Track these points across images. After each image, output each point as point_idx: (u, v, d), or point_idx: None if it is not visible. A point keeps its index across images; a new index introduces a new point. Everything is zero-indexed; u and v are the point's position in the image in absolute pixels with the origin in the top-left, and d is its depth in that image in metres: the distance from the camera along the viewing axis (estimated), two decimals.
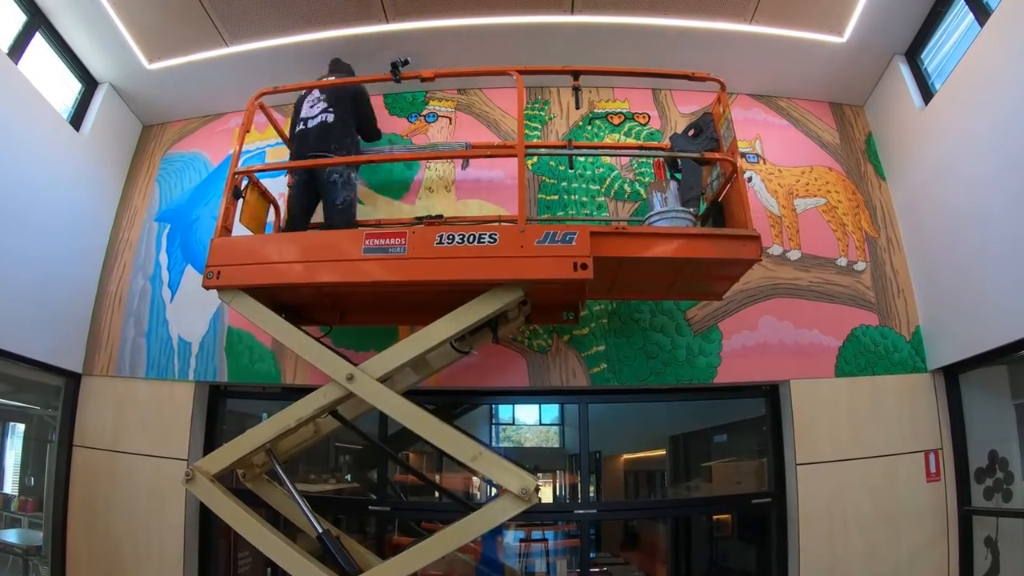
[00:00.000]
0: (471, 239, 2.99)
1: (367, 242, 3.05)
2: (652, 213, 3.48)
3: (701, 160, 3.61)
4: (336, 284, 3.21)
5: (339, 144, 3.96)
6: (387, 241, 3.03)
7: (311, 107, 4.09)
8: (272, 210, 4.12)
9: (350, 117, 4.10)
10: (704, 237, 3.26)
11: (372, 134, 4.53)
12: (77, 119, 4.82)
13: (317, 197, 4.06)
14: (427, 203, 4.79)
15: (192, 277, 4.75)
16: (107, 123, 5.01)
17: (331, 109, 4.03)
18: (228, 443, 3.21)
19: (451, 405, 4.68)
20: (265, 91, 3.93)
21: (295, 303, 3.69)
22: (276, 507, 3.54)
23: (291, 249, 3.29)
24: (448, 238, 3.00)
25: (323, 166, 3.83)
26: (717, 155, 3.54)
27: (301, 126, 4.08)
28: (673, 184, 3.53)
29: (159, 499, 4.17)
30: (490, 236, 2.99)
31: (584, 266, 2.92)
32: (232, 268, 3.21)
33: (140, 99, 5.16)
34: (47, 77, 4.54)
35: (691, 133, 3.85)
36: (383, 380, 3.04)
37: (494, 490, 4.92)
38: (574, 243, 2.97)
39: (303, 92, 4.23)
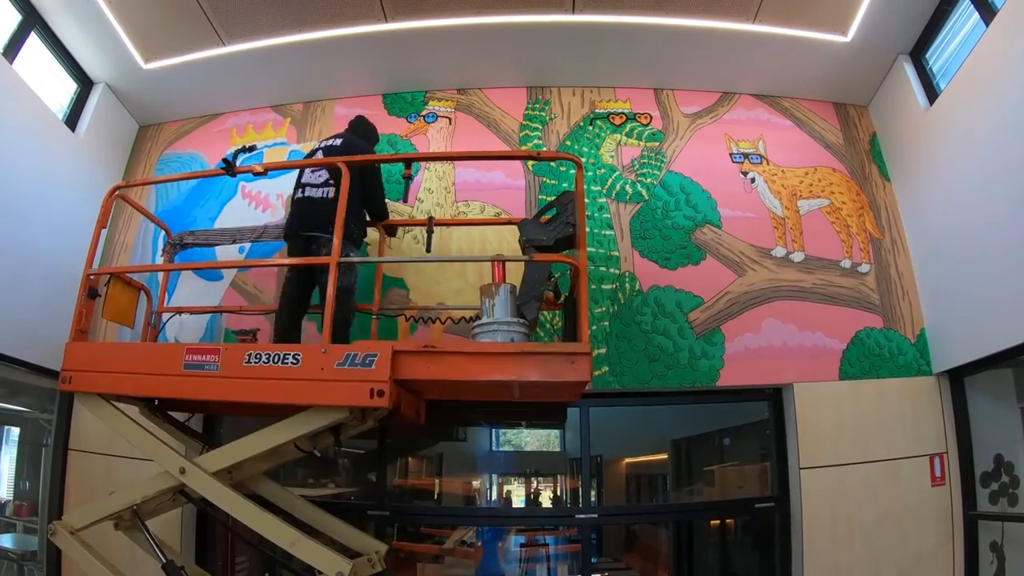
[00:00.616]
0: (276, 359, 2.85)
1: (187, 357, 2.97)
2: (476, 324, 3.10)
3: (550, 248, 3.28)
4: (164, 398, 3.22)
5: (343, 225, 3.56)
6: (203, 357, 2.95)
7: (314, 173, 3.73)
8: (144, 297, 3.93)
9: (356, 192, 3.66)
10: (525, 355, 2.84)
11: (379, 212, 4.07)
12: (72, 119, 4.83)
13: (313, 282, 3.75)
14: (427, 204, 4.79)
15: (188, 279, 4.76)
16: (103, 123, 5.01)
17: (333, 183, 3.63)
18: (94, 503, 3.24)
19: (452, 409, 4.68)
20: (119, 185, 3.74)
21: None
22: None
23: (125, 360, 3.19)
24: (255, 357, 2.87)
25: (319, 248, 3.52)
26: (559, 257, 3.23)
27: (300, 193, 3.73)
28: (504, 288, 3.08)
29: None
30: (293, 357, 2.83)
31: (380, 393, 2.71)
32: (81, 374, 3.16)
33: (136, 99, 5.16)
34: (42, 77, 4.55)
35: (543, 220, 3.48)
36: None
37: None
38: (373, 367, 2.76)
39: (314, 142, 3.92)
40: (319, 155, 3.83)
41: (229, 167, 3.39)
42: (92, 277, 3.45)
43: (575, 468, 4.45)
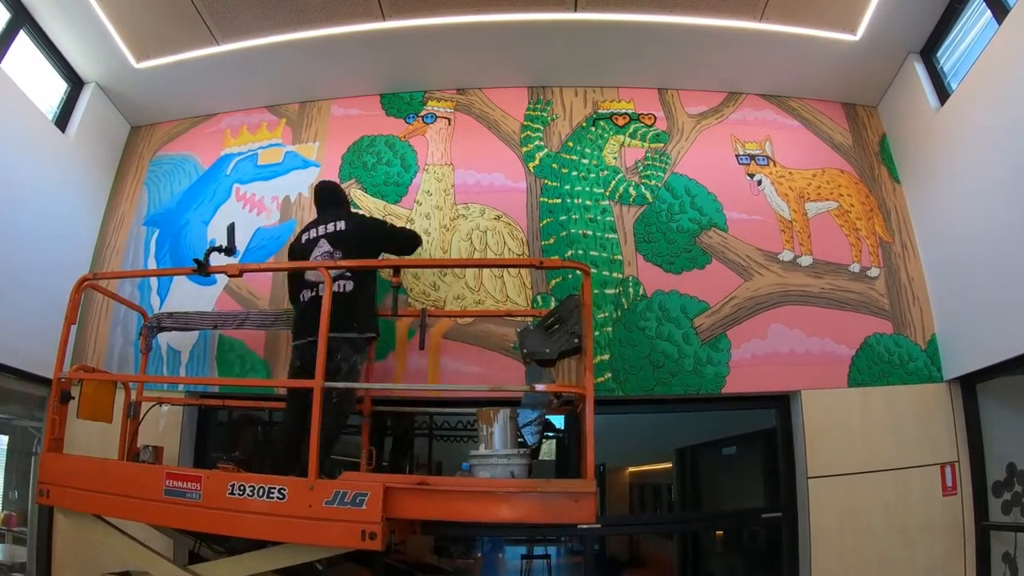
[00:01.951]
0: (260, 492, 2.75)
1: (167, 483, 2.88)
2: (473, 455, 2.99)
3: (552, 362, 3.15)
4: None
5: (359, 320, 3.39)
6: (185, 484, 2.86)
7: (317, 255, 3.49)
8: (122, 389, 3.82)
9: (374, 281, 3.51)
10: (525, 495, 2.76)
11: (406, 248, 3.87)
12: (63, 120, 4.83)
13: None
14: (425, 207, 4.80)
15: (181, 284, 4.76)
16: (94, 124, 5.02)
17: (349, 274, 3.37)
18: None
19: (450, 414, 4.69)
20: (87, 277, 3.61)
21: None
22: None
23: (102, 479, 3.08)
24: (240, 489, 2.78)
25: (337, 348, 3.30)
26: (561, 387, 3.15)
27: (311, 292, 3.48)
28: (504, 414, 2.98)
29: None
30: (279, 491, 2.74)
31: (373, 536, 2.61)
32: (58, 488, 3.08)
33: (128, 99, 5.17)
34: (31, 77, 4.55)
35: (549, 324, 3.28)
36: None
37: None
38: (364, 506, 2.65)
39: (299, 235, 3.74)
40: (323, 244, 3.58)
41: (201, 267, 3.28)
42: (63, 380, 3.29)
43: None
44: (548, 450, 5.03)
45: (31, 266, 4.39)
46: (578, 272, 4.06)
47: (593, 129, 5.01)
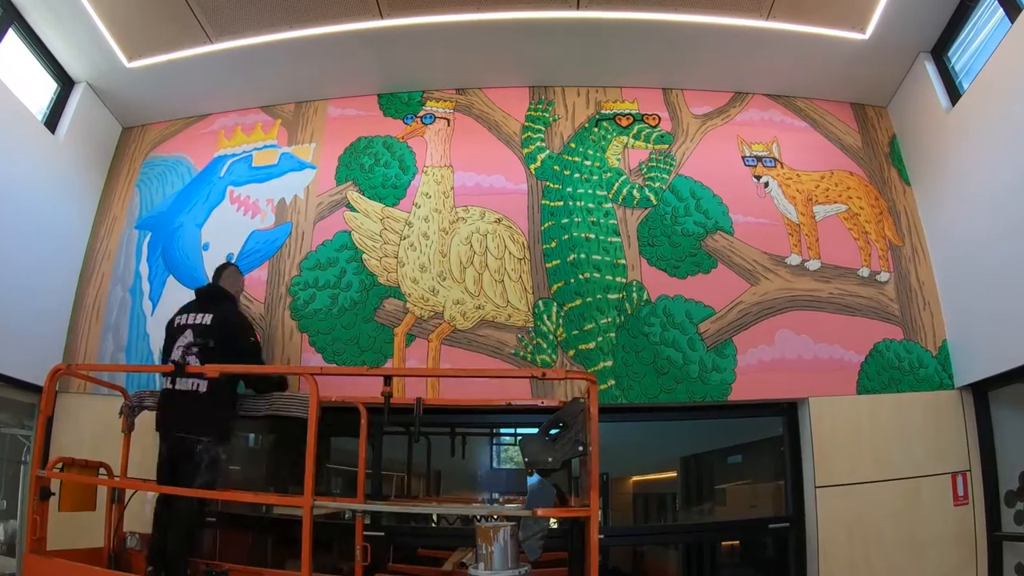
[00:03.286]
0: None
1: None
2: (473, 572, 2.92)
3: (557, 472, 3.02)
4: None
5: (212, 429, 3.41)
6: None
7: (181, 356, 3.51)
8: (105, 472, 3.69)
9: (232, 384, 3.53)
10: None
11: (261, 384, 3.69)
12: (52, 121, 4.84)
13: (176, 478, 3.47)
14: (424, 210, 4.81)
15: (174, 288, 4.78)
16: (84, 125, 5.02)
17: (206, 376, 3.38)
18: None
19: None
20: (60, 367, 3.48)
21: None
22: None
23: None
24: None
25: (191, 447, 3.35)
26: (564, 511, 3.08)
27: (168, 384, 3.50)
28: (504, 532, 2.87)
29: (143, 525, 4.16)
30: None
31: None
32: None
33: (119, 99, 5.18)
34: (20, 76, 4.55)
35: (553, 432, 3.12)
36: None
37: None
38: None
39: (176, 314, 3.74)
40: (189, 334, 3.57)
41: (179, 368, 3.34)
42: (42, 476, 3.23)
43: (580, 486, 4.46)
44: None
45: (20, 271, 4.40)
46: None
47: (596, 130, 5.03)
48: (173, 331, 3.65)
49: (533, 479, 3.02)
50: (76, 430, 4.52)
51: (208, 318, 3.61)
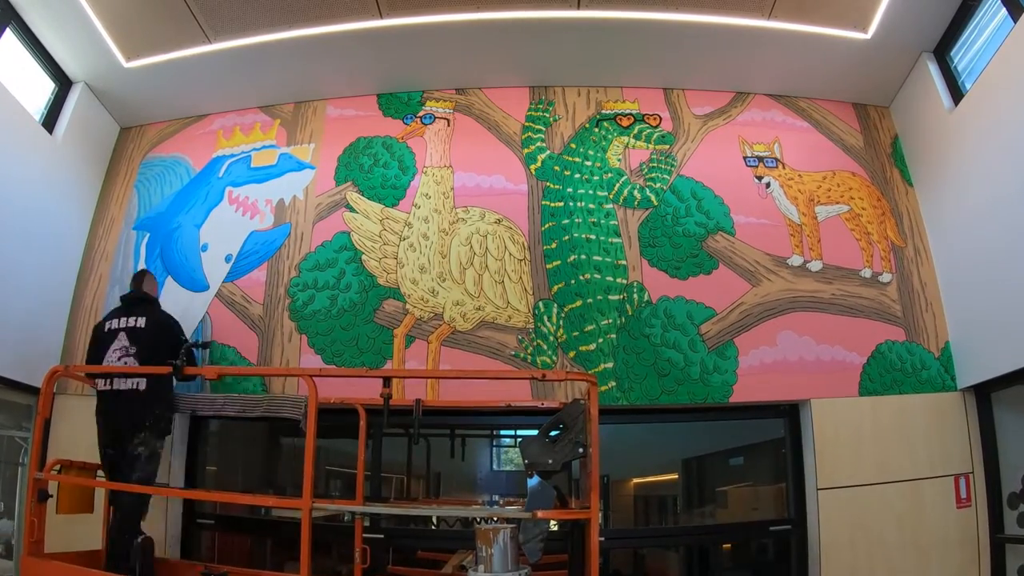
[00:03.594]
0: None
1: None
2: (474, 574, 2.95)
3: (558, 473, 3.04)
4: None
5: (153, 421, 3.59)
6: None
7: (118, 359, 3.65)
8: (103, 474, 3.74)
9: (167, 379, 3.64)
10: None
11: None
12: (50, 121, 4.84)
13: (118, 471, 3.61)
14: (424, 210, 4.81)
15: (172, 290, 4.79)
16: (82, 125, 5.03)
17: (171, 363, 3.50)
18: None
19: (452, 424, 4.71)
20: (57, 369, 3.58)
21: None
22: None
23: None
24: None
25: (132, 443, 3.51)
26: (565, 514, 3.05)
27: (107, 384, 3.63)
28: (505, 535, 2.87)
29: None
30: None
31: None
32: None
33: (117, 100, 5.18)
34: (18, 76, 4.55)
35: (553, 433, 3.13)
36: None
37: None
38: None
39: (104, 319, 3.87)
40: (122, 337, 3.71)
41: (177, 370, 3.41)
42: (39, 478, 3.28)
43: (580, 488, 4.46)
44: None
45: (17, 272, 4.40)
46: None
47: (596, 130, 5.03)
48: (104, 336, 3.79)
49: (533, 481, 3.03)
50: (74, 432, 4.50)
51: (142, 321, 3.78)
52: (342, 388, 3.98)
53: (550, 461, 3.00)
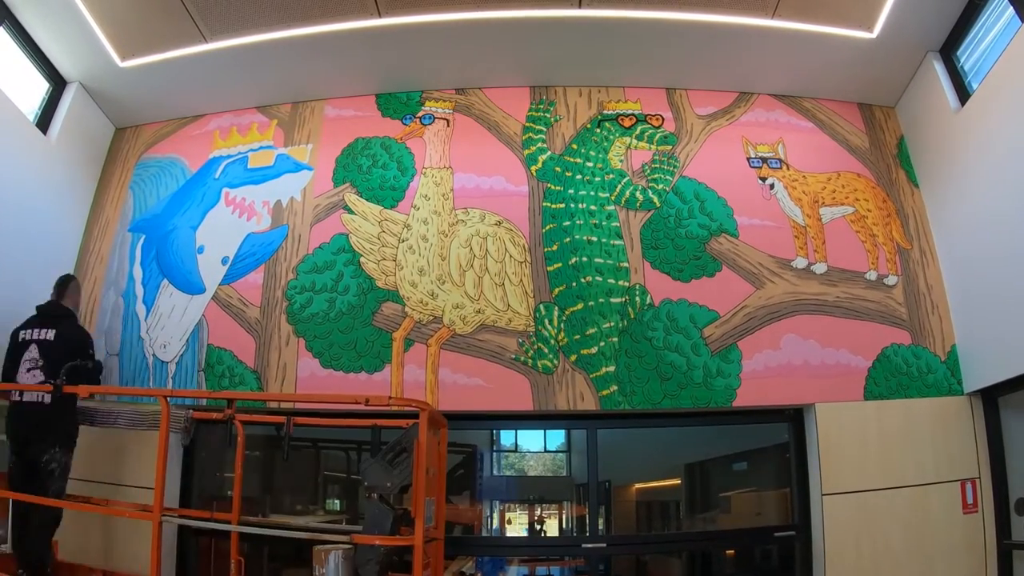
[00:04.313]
0: None
1: None
2: None
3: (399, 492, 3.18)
4: None
5: (57, 437, 3.73)
6: None
7: (27, 370, 3.76)
8: None
9: (73, 395, 3.77)
10: None
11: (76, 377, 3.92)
12: (44, 121, 4.85)
13: (32, 477, 3.74)
14: (423, 212, 4.82)
15: (168, 292, 4.79)
16: (77, 126, 5.03)
17: (50, 384, 3.63)
18: None
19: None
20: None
21: None
22: None
23: None
24: None
25: (40, 455, 3.66)
26: (394, 540, 3.07)
27: (17, 396, 3.75)
28: (334, 557, 3.00)
29: (136, 533, 4.17)
30: None
31: None
32: None
33: (112, 100, 5.18)
34: (11, 76, 4.56)
35: (393, 455, 3.27)
36: None
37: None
38: None
39: (19, 328, 3.93)
40: (33, 349, 3.82)
41: (57, 389, 3.55)
42: None
43: (582, 494, 4.49)
44: None
45: (11, 274, 4.39)
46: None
47: (598, 131, 5.03)
48: (17, 345, 3.89)
49: (371, 505, 3.17)
50: None
51: (51, 334, 3.87)
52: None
53: (388, 484, 3.15)
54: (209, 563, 4.53)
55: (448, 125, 5.11)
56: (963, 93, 4.52)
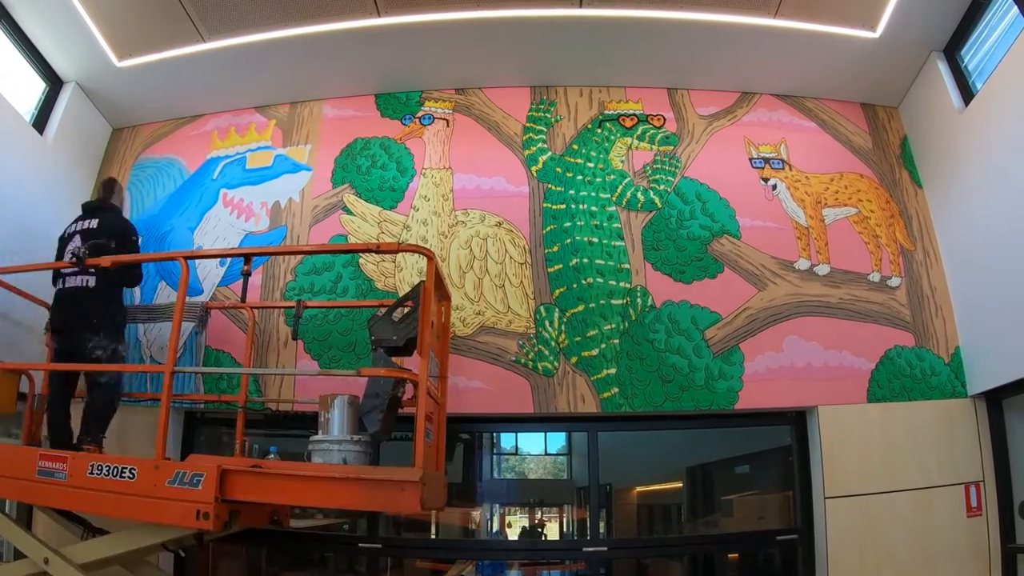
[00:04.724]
0: (114, 472, 3.03)
1: (40, 463, 3.17)
2: (311, 440, 3.17)
3: (402, 350, 3.29)
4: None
5: (101, 317, 3.79)
6: (53, 465, 3.15)
7: (69, 258, 3.85)
8: (27, 381, 3.95)
9: (116, 280, 3.89)
10: (353, 481, 2.90)
11: (131, 278, 4.17)
12: (40, 121, 4.85)
13: (76, 377, 3.88)
14: (422, 213, 4.82)
15: (165, 295, 4.79)
16: (73, 126, 5.03)
17: (92, 268, 3.75)
18: None
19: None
20: None
21: None
22: None
23: None
24: (97, 469, 3.06)
25: (86, 343, 3.72)
26: (392, 372, 3.19)
27: (61, 284, 3.89)
28: (341, 400, 3.14)
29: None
30: (130, 471, 3.01)
31: (206, 515, 2.84)
32: None
33: (109, 100, 5.19)
34: (7, 76, 4.56)
35: (401, 311, 3.39)
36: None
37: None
38: (200, 487, 2.88)
39: (69, 224, 4.07)
40: (77, 239, 3.94)
41: (79, 261, 3.61)
42: None
43: (583, 497, 4.49)
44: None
45: (6, 276, 4.39)
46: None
47: (599, 131, 5.03)
48: (64, 240, 4.03)
49: (378, 356, 3.33)
50: None
51: (94, 223, 3.99)
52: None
53: (394, 337, 3.28)
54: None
55: (448, 125, 5.11)
56: (967, 93, 4.52)
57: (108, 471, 3.03)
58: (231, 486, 2.92)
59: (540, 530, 5.10)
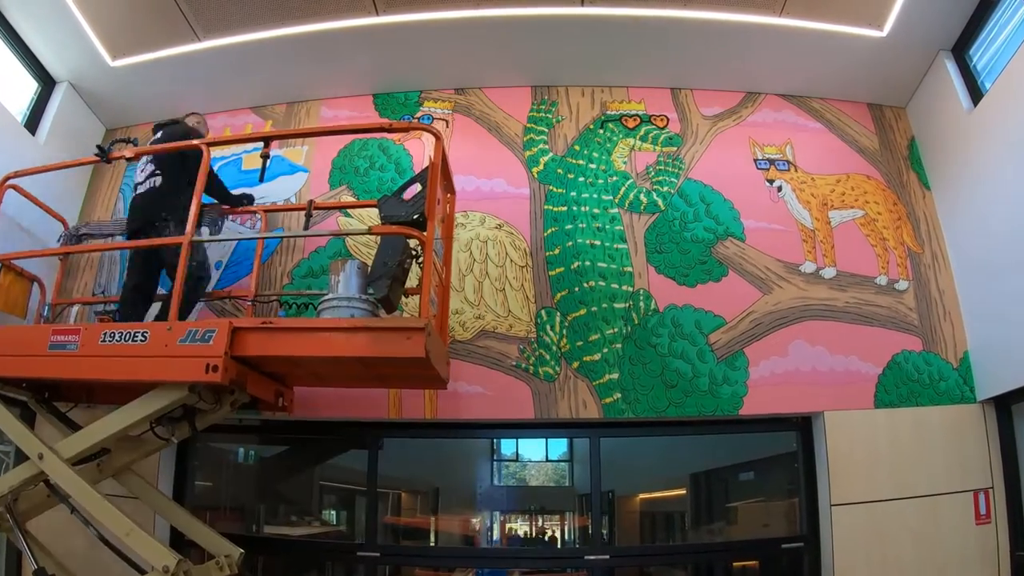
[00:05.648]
0: (127, 337, 3.18)
1: (52, 338, 3.30)
2: (321, 300, 3.44)
3: (413, 224, 3.45)
4: (29, 378, 3.55)
5: (170, 212, 3.94)
6: (66, 337, 3.27)
7: (140, 172, 4.13)
8: (38, 288, 4.28)
9: (181, 178, 4.01)
10: (359, 331, 3.12)
11: (226, 198, 4.49)
12: (33, 122, 4.87)
13: (159, 265, 4.09)
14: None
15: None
16: (66, 126, 5.05)
17: (159, 172, 4.03)
18: None
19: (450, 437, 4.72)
20: (9, 176, 4.09)
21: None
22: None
23: None
24: (111, 336, 3.20)
25: (159, 232, 3.92)
26: (402, 230, 3.37)
27: (132, 194, 4.17)
28: (352, 264, 3.42)
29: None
30: (142, 335, 3.17)
31: (215, 368, 2.99)
32: None
33: (103, 100, 5.21)
34: None
35: (408, 193, 3.61)
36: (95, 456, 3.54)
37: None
38: (211, 342, 3.05)
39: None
40: (143, 160, 4.17)
41: (103, 153, 3.93)
42: None
43: (585, 505, 4.48)
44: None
45: None
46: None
47: (601, 132, 5.04)
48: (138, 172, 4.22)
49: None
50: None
51: (160, 134, 4.22)
52: (343, 403, 4.00)
53: (402, 213, 3.49)
54: None
55: (447, 126, 5.12)
56: (976, 93, 4.53)
57: (121, 337, 3.18)
58: (242, 343, 3.10)
59: (543, 536, 5.11)
